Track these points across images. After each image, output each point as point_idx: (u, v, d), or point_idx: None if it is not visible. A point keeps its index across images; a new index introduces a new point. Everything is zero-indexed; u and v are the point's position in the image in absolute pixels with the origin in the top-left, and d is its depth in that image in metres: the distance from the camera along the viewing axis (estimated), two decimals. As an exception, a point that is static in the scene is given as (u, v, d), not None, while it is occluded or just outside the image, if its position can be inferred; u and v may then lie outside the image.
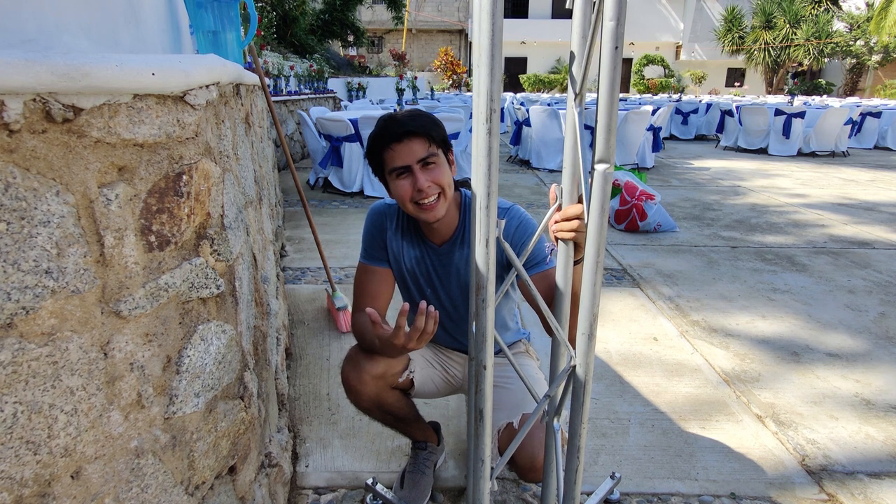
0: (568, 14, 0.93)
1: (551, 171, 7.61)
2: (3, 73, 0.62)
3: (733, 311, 3.01)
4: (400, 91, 6.59)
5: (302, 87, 8.72)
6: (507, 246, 0.92)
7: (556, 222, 1.03)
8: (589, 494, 1.58)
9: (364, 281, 1.49)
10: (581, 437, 1.00)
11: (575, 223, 1.00)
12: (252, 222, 1.60)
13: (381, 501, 1.59)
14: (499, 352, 1.58)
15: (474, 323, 0.90)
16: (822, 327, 2.81)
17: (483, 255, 0.86)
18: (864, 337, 2.71)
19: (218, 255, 1.01)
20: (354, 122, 5.63)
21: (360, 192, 5.86)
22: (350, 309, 2.73)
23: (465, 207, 1.42)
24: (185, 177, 0.90)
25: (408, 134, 1.23)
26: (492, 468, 1.02)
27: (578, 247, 1.03)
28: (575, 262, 1.06)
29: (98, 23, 1.07)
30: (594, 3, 0.88)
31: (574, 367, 0.97)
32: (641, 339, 2.67)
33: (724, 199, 5.98)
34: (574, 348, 0.97)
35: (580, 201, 1.01)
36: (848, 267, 3.73)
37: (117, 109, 0.77)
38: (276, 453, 1.50)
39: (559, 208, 1.04)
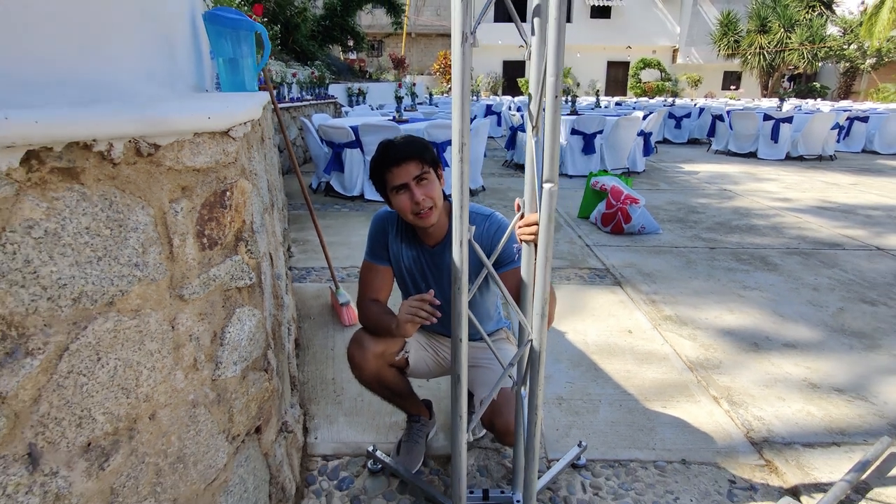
0: (567, 18, 1.17)
1: (545, 175, 7.86)
2: (115, 125, 0.89)
3: (704, 306, 3.28)
4: (399, 99, 6.85)
5: (304, 93, 8.99)
6: (476, 246, 1.19)
7: (520, 227, 1.30)
8: (559, 460, 1.85)
9: (368, 277, 1.75)
10: (538, 396, 1.27)
11: (534, 228, 1.26)
12: (268, 226, 1.86)
13: (380, 465, 1.85)
14: (482, 338, 1.85)
15: (454, 306, 1.17)
16: (783, 321, 3.08)
17: (458, 253, 1.13)
18: (821, 329, 2.98)
19: (250, 253, 1.27)
20: (355, 129, 5.90)
21: (361, 196, 6.12)
22: (352, 305, 3.00)
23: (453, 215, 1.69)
24: (228, 193, 1.16)
25: (405, 158, 1.50)
26: (469, 422, 1.29)
27: (538, 247, 1.30)
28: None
29: (155, 67, 1.33)
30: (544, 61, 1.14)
31: (531, 340, 1.23)
32: (617, 332, 2.93)
33: (709, 202, 6.25)
34: (531, 326, 1.23)
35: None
36: (816, 266, 4.00)
37: (183, 144, 1.03)
38: (291, 422, 1.76)
39: (522, 216, 1.31)
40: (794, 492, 1.79)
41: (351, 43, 18.94)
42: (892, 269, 3.94)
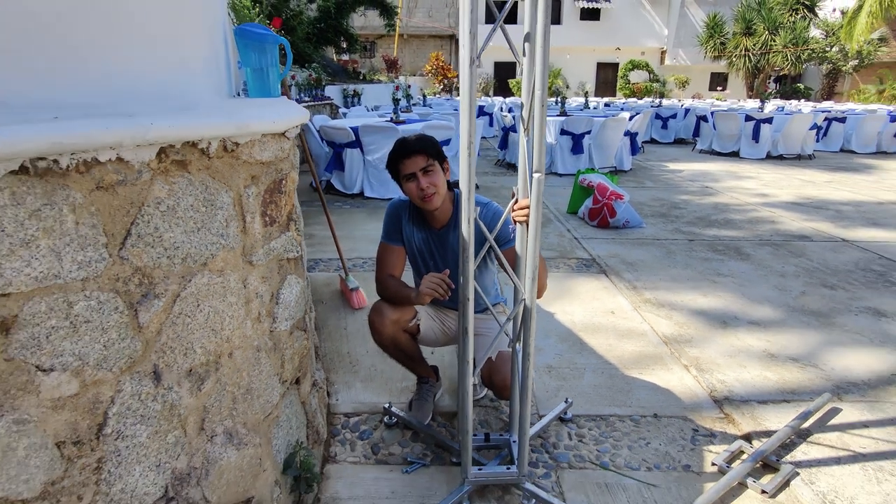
0: (557, 20, 1.47)
1: (536, 173, 8.18)
2: (215, 128, 1.19)
3: (681, 290, 3.60)
4: (396, 101, 7.15)
5: (302, 94, 9.26)
6: (482, 224, 1.50)
7: (514, 210, 1.61)
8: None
9: (385, 256, 2.05)
10: (530, 345, 1.57)
11: (526, 210, 1.57)
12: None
13: (395, 419, 2.15)
14: (483, 310, 2.15)
15: (462, 273, 1.47)
16: (750, 303, 3.41)
17: (466, 229, 1.43)
18: (783, 310, 3.31)
19: (298, 231, 1.57)
20: (355, 130, 6.19)
21: (361, 194, 6.41)
22: (361, 290, 3.29)
23: (456, 202, 1.99)
24: (283, 181, 1.46)
25: (414, 152, 1.81)
26: (473, 367, 1.59)
27: (528, 224, 1.61)
28: None
29: (215, 83, 1.63)
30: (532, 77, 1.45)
31: (524, 299, 1.54)
32: (601, 313, 3.25)
33: (691, 198, 6.60)
34: (524, 288, 1.54)
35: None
36: (785, 256, 4.34)
37: (254, 143, 1.33)
38: (320, 381, 2.06)
39: (516, 202, 1.61)
40: (747, 437, 2.11)
41: (344, 45, 19.18)
42: (853, 259, 4.30)
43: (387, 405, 2.17)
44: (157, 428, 1.15)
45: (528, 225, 1.55)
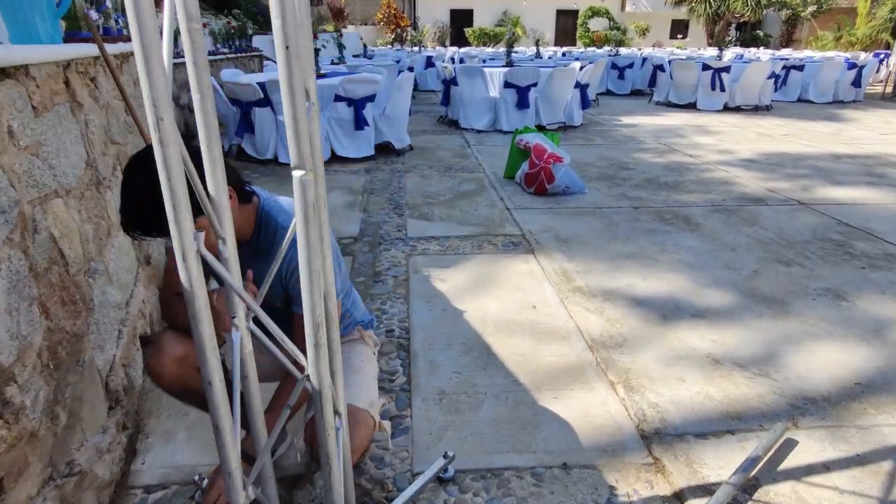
0: None
1: (479, 131, 7.51)
2: None
3: (618, 273, 3.08)
4: (316, 51, 6.30)
5: (218, 46, 8.22)
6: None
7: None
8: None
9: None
10: (329, 444, 0.99)
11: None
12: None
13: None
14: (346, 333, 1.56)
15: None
16: (697, 287, 2.91)
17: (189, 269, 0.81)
18: (733, 294, 2.83)
19: None
20: (263, 86, 5.37)
21: (275, 160, 5.65)
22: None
23: (260, 212, 1.39)
24: None
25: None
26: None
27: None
28: None
29: None
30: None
31: (307, 375, 0.94)
32: (521, 308, 2.70)
33: (641, 157, 6.07)
34: (306, 358, 0.94)
35: None
36: (737, 224, 3.87)
37: None
38: (87, 458, 1.44)
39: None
40: (679, 496, 1.61)
41: (283, -10, 17.57)
42: (809, 225, 3.86)
43: (197, 478, 1.57)
44: None
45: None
